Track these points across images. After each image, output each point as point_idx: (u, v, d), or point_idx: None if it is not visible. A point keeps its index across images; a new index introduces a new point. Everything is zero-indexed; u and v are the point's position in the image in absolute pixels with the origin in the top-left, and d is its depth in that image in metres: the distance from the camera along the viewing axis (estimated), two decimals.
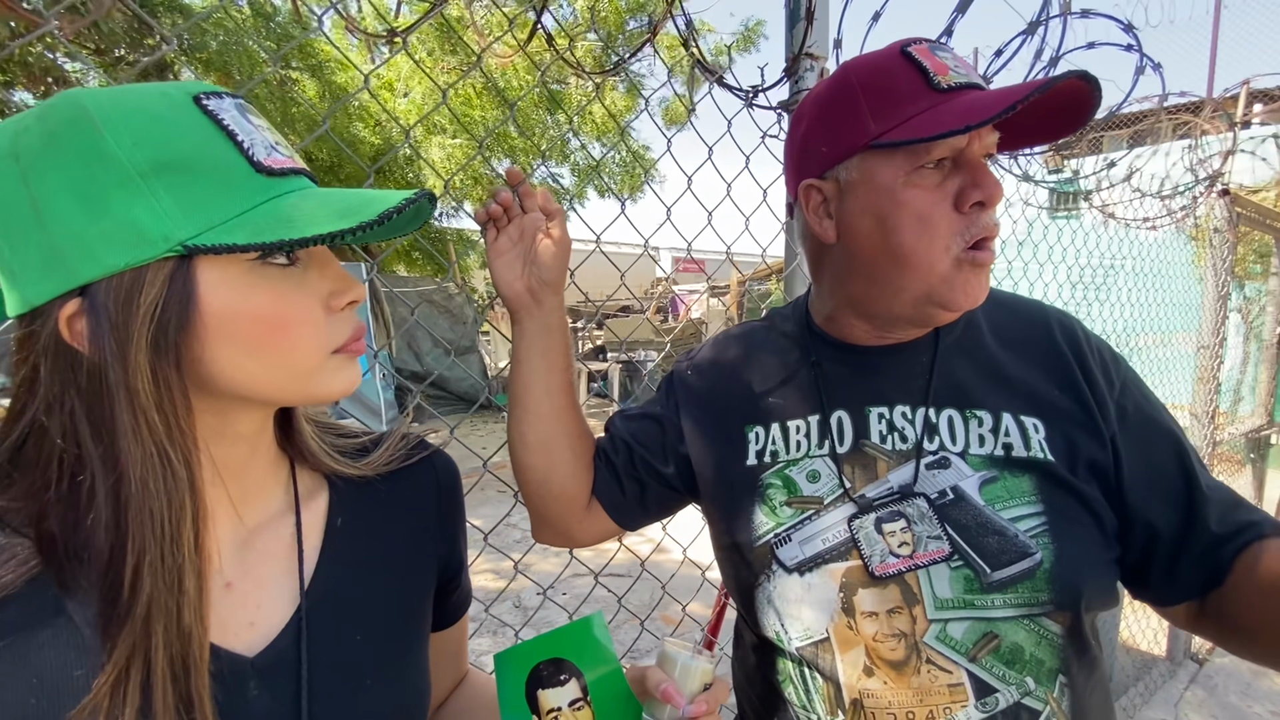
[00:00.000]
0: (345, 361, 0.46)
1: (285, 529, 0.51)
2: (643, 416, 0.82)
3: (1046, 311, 0.72)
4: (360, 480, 0.55)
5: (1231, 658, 2.82)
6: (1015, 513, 0.61)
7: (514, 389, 0.77)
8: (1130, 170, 2.14)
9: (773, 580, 0.66)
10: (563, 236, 0.74)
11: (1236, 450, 3.57)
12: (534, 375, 0.76)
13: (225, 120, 0.40)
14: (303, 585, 0.49)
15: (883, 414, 0.68)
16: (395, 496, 0.57)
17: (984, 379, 0.67)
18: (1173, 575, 0.62)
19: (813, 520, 0.66)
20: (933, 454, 0.65)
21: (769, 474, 0.70)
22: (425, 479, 0.60)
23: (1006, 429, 0.64)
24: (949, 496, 0.63)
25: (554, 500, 0.79)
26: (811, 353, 0.74)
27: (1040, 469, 0.62)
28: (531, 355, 0.76)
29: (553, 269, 0.73)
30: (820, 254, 0.71)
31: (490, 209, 0.73)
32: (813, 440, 0.69)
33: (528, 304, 0.74)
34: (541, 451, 0.77)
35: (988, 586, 0.59)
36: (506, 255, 0.74)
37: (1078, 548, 0.60)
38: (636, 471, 0.80)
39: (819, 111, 0.66)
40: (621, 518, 0.82)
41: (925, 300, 0.62)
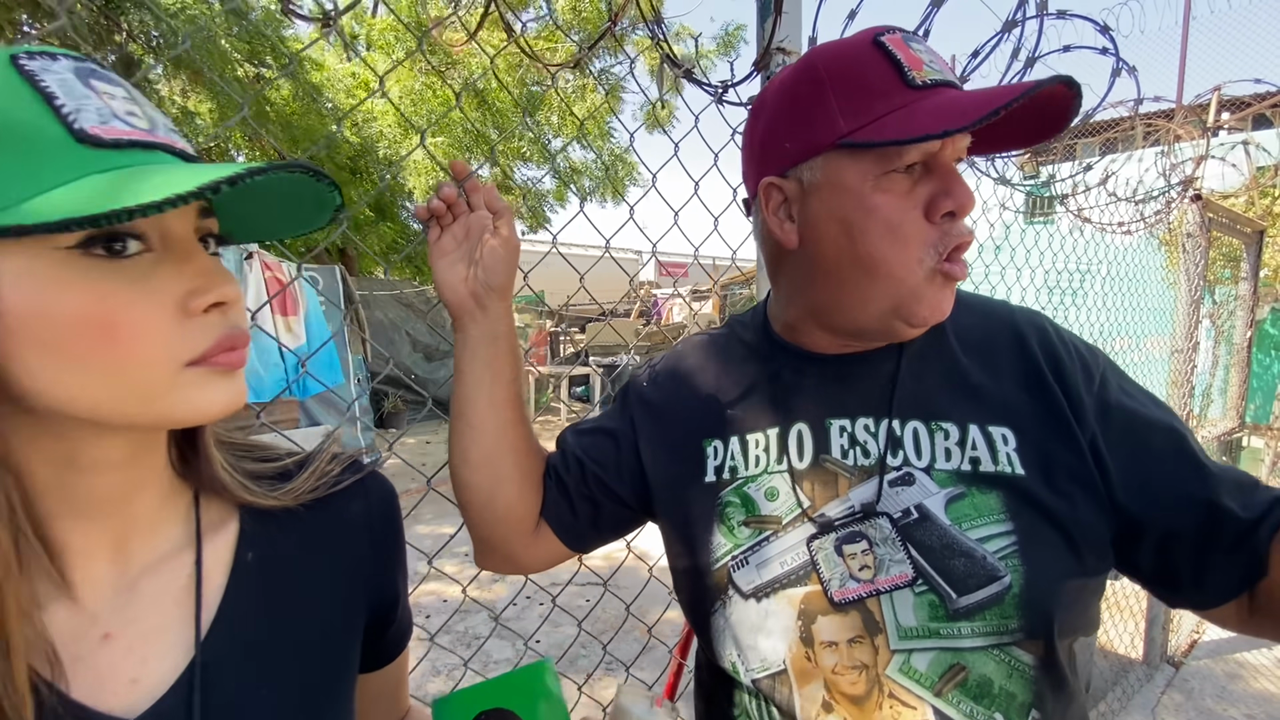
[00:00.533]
0: (208, 378, 0.38)
1: (182, 569, 0.44)
2: (596, 431, 0.77)
3: (1013, 312, 0.67)
4: (279, 510, 0.49)
5: (1207, 660, 2.83)
6: (983, 532, 0.56)
7: (456, 402, 0.72)
8: (1106, 174, 2.14)
9: (729, 606, 0.62)
10: (510, 236, 0.69)
11: (1210, 453, 3.61)
12: (478, 387, 0.71)
13: (45, 82, 0.33)
14: (199, 633, 0.42)
15: (844, 427, 0.64)
16: (320, 526, 0.51)
17: (949, 387, 0.63)
18: (1204, 575, 0.56)
19: (770, 541, 0.62)
20: (896, 470, 0.60)
21: (727, 491, 0.66)
22: (356, 506, 0.54)
23: (974, 441, 0.60)
24: (913, 516, 0.59)
25: (498, 523, 0.73)
26: (770, 362, 0.69)
27: (1009, 484, 0.58)
28: (475, 365, 0.71)
29: (499, 272, 0.68)
30: (780, 258, 0.66)
31: (432, 205, 0.68)
32: (771, 455, 0.65)
33: (471, 309, 0.69)
34: (485, 469, 0.72)
35: (954, 613, 0.55)
36: (450, 256, 0.69)
37: (1049, 570, 0.55)
38: (589, 490, 0.74)
39: (782, 103, 0.61)
40: (572, 540, 0.76)
41: (891, 313, 0.59)
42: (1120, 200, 2.32)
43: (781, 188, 0.61)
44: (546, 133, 6.74)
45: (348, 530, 0.53)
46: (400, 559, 0.58)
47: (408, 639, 0.61)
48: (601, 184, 8.04)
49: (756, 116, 0.65)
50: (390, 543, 0.56)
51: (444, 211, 0.68)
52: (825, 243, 0.59)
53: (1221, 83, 2.66)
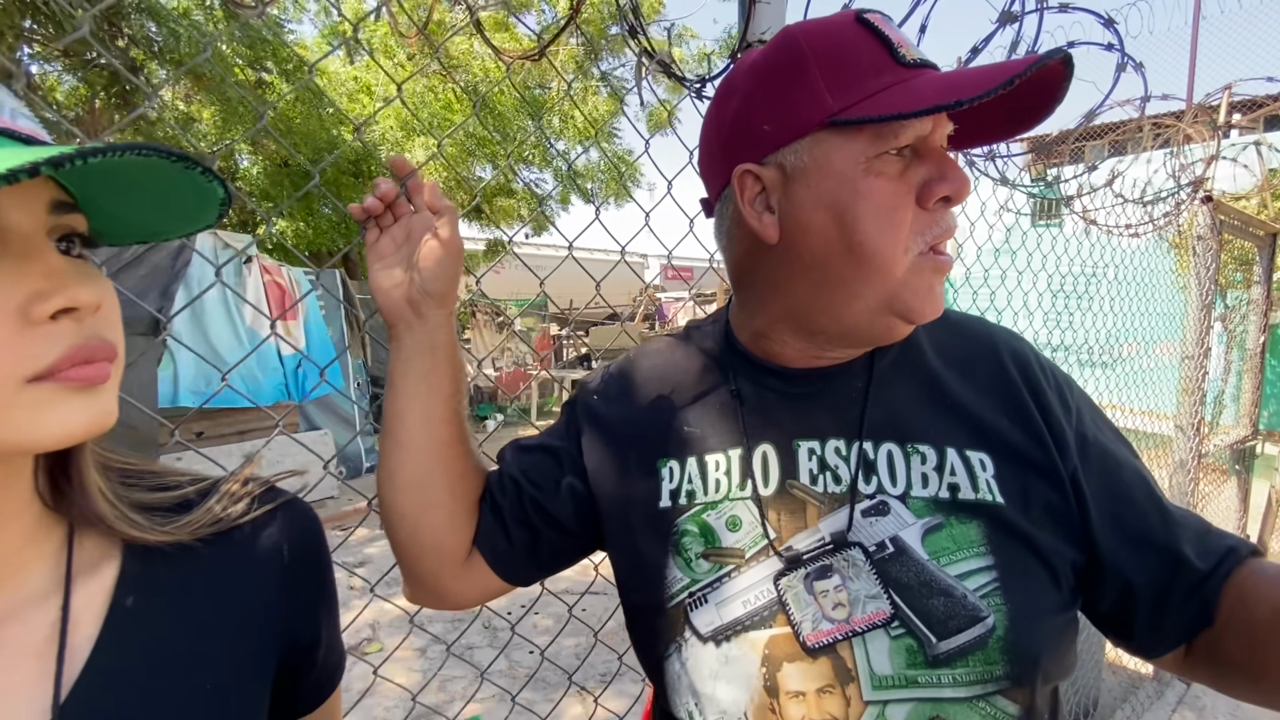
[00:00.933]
0: (59, 395, 0.34)
1: (46, 617, 0.39)
2: (538, 449, 0.70)
3: (993, 331, 0.64)
4: (172, 546, 0.44)
5: None
6: (963, 567, 0.52)
7: (386, 417, 0.66)
8: (1112, 174, 2.07)
9: (685, 650, 0.56)
10: (452, 239, 0.63)
11: (1222, 461, 3.52)
12: (410, 401, 0.65)
13: None
14: (58, 694, 0.37)
15: (813, 449, 0.58)
16: (221, 563, 0.46)
17: (925, 406, 0.59)
18: (1160, 623, 0.55)
19: (732, 577, 0.56)
20: (869, 497, 0.56)
21: (684, 519, 0.59)
22: (267, 539, 0.48)
23: (952, 466, 0.56)
24: (888, 549, 0.54)
25: (425, 553, 0.66)
26: (733, 376, 0.63)
27: (989, 514, 0.54)
28: (409, 378, 0.65)
29: (438, 277, 0.63)
30: (753, 258, 0.60)
31: (367, 203, 0.63)
32: (734, 479, 0.59)
33: (407, 317, 0.64)
34: (414, 493, 0.65)
35: (934, 660, 0.50)
36: (388, 259, 0.64)
37: (1033, 607, 0.52)
38: (526, 515, 0.67)
39: (758, 83, 0.55)
40: (507, 571, 0.69)
41: (884, 308, 0.54)
42: (1127, 201, 2.25)
43: (760, 176, 0.55)
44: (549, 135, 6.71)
45: (255, 567, 0.47)
46: (324, 597, 0.53)
47: (336, 682, 0.56)
48: (605, 186, 8.01)
49: (724, 101, 0.58)
50: (309, 580, 0.51)
51: (380, 210, 0.63)
52: (812, 234, 0.54)
53: (1232, 81, 2.58)
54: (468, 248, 10.26)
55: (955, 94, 0.47)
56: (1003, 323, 2.51)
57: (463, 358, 0.69)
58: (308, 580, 0.51)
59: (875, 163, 0.51)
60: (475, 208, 7.23)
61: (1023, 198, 2.26)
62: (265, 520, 0.48)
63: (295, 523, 0.50)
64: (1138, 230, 2.49)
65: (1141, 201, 2.37)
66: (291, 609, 0.49)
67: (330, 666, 0.55)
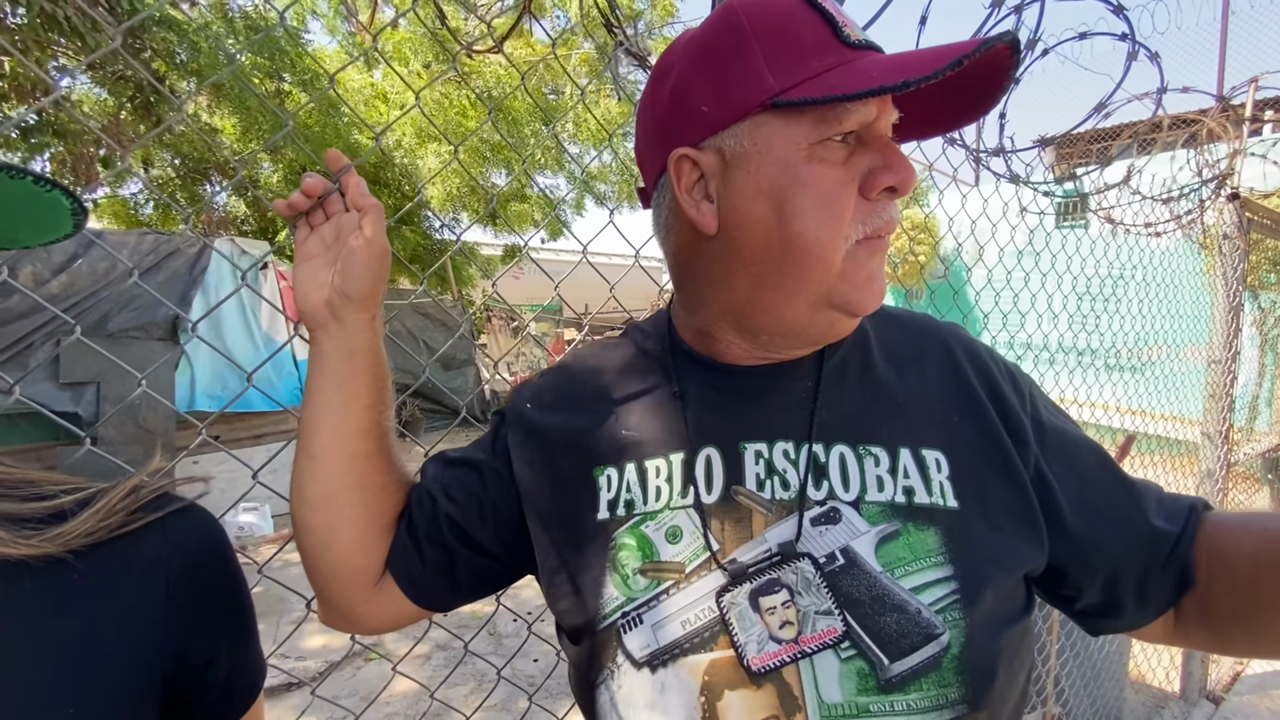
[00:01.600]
0: None
1: None
2: (461, 462, 0.65)
3: (941, 327, 0.62)
4: (39, 559, 0.41)
5: (1251, 695, 2.61)
6: (919, 579, 0.49)
7: (300, 427, 0.61)
8: (1129, 171, 1.99)
9: (617, 677, 0.51)
10: (375, 238, 0.59)
11: (1254, 470, 3.38)
12: (324, 411, 0.60)
13: None
14: None
15: (760, 452, 0.54)
16: (96, 577, 0.43)
17: (876, 404, 0.56)
18: (1145, 595, 0.56)
19: (671, 595, 0.51)
20: (819, 504, 0.52)
21: (622, 531, 0.55)
22: (151, 551, 0.45)
23: (905, 468, 0.53)
24: (839, 561, 0.49)
25: (334, 571, 0.62)
26: (676, 376, 0.59)
27: (945, 519, 0.51)
28: (324, 385, 0.60)
29: (358, 279, 0.59)
30: (692, 250, 0.56)
31: (293, 200, 0.60)
32: (675, 486, 0.55)
33: (324, 320, 0.60)
34: (323, 509, 0.60)
35: (885, 684, 0.46)
36: (315, 260, 0.61)
37: (991, 620, 0.49)
38: (441, 534, 0.62)
39: (696, 61, 0.51)
40: (420, 595, 0.64)
41: (823, 303, 0.51)
42: (1145, 199, 2.16)
43: (697, 161, 0.52)
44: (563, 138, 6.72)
45: (135, 581, 0.44)
46: (224, 612, 0.49)
47: (247, 703, 0.53)
48: (619, 189, 8.00)
49: (661, 80, 0.54)
50: (202, 594, 0.47)
51: (306, 207, 0.60)
52: (750, 224, 0.50)
53: (1259, 75, 2.47)
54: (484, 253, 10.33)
55: (902, 75, 0.43)
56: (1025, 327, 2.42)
57: (387, 365, 0.64)
58: (200, 595, 0.47)
59: (818, 149, 0.48)
60: (490, 213, 7.26)
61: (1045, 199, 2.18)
62: (150, 531, 0.45)
63: (186, 533, 0.47)
64: (1159, 229, 2.39)
65: (1161, 199, 2.27)
66: (179, 626, 0.45)
67: (239, 687, 0.51)
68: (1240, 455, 2.87)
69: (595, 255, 1.16)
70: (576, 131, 7.17)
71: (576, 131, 7.17)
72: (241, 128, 6.23)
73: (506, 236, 8.89)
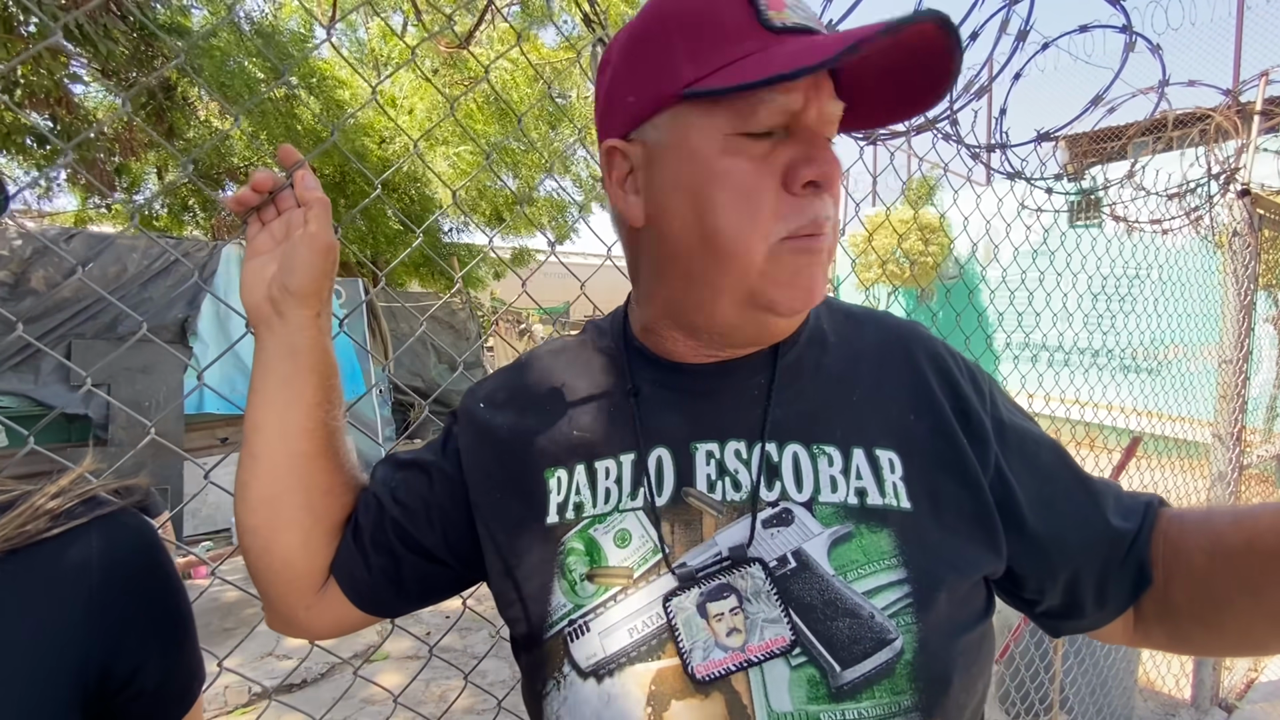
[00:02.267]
0: None
1: None
2: (411, 465, 0.64)
3: (901, 324, 0.61)
4: None
5: (1264, 703, 2.54)
6: (872, 583, 0.47)
7: (244, 425, 0.60)
8: (1132, 166, 1.95)
9: (564, 688, 0.49)
10: (319, 233, 0.59)
11: (1270, 473, 3.30)
12: (267, 410, 0.59)
13: None
14: None
15: (712, 452, 0.53)
16: (14, 583, 0.42)
17: (831, 405, 0.54)
18: (1104, 595, 0.54)
19: (618, 601, 0.50)
20: (771, 505, 0.51)
21: (571, 536, 0.53)
22: (73, 556, 0.44)
23: (858, 469, 0.51)
24: (790, 565, 0.48)
25: (275, 574, 0.61)
26: (629, 374, 0.58)
27: (898, 521, 0.50)
28: (268, 383, 0.59)
29: (299, 273, 0.58)
30: (633, 244, 0.56)
31: (241, 195, 0.59)
32: (624, 488, 0.53)
33: (267, 317, 0.59)
34: (265, 510, 0.59)
35: (837, 692, 0.45)
36: (264, 256, 0.60)
37: (946, 625, 0.47)
38: (387, 538, 0.61)
39: (626, 50, 0.51)
40: (364, 601, 0.62)
41: (749, 302, 0.50)
42: (1149, 194, 2.11)
43: (626, 153, 0.51)
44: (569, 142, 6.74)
45: (55, 587, 0.43)
46: (153, 620, 0.48)
47: (179, 711, 0.51)
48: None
49: (601, 72, 0.54)
50: (127, 601, 0.46)
51: (255, 202, 0.60)
52: (672, 218, 0.50)
53: (1269, 68, 2.42)
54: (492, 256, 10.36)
55: (799, 61, 0.41)
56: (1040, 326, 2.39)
57: (334, 362, 0.63)
58: (125, 602, 0.46)
59: (735, 142, 0.47)
60: (497, 216, 7.29)
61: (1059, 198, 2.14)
62: (74, 536, 0.44)
63: (113, 539, 0.46)
64: (1167, 225, 2.35)
65: (1165, 194, 2.23)
66: (101, 633, 0.44)
67: (171, 694, 0.50)
68: (1254, 457, 2.80)
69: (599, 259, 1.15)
70: (585, 134, 7.17)
71: (585, 134, 7.17)
72: (250, 134, 6.30)
73: (515, 239, 8.92)
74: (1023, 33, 1.15)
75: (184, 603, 0.52)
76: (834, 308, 0.62)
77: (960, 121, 1.54)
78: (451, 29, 1.05)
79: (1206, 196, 2.35)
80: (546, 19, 6.79)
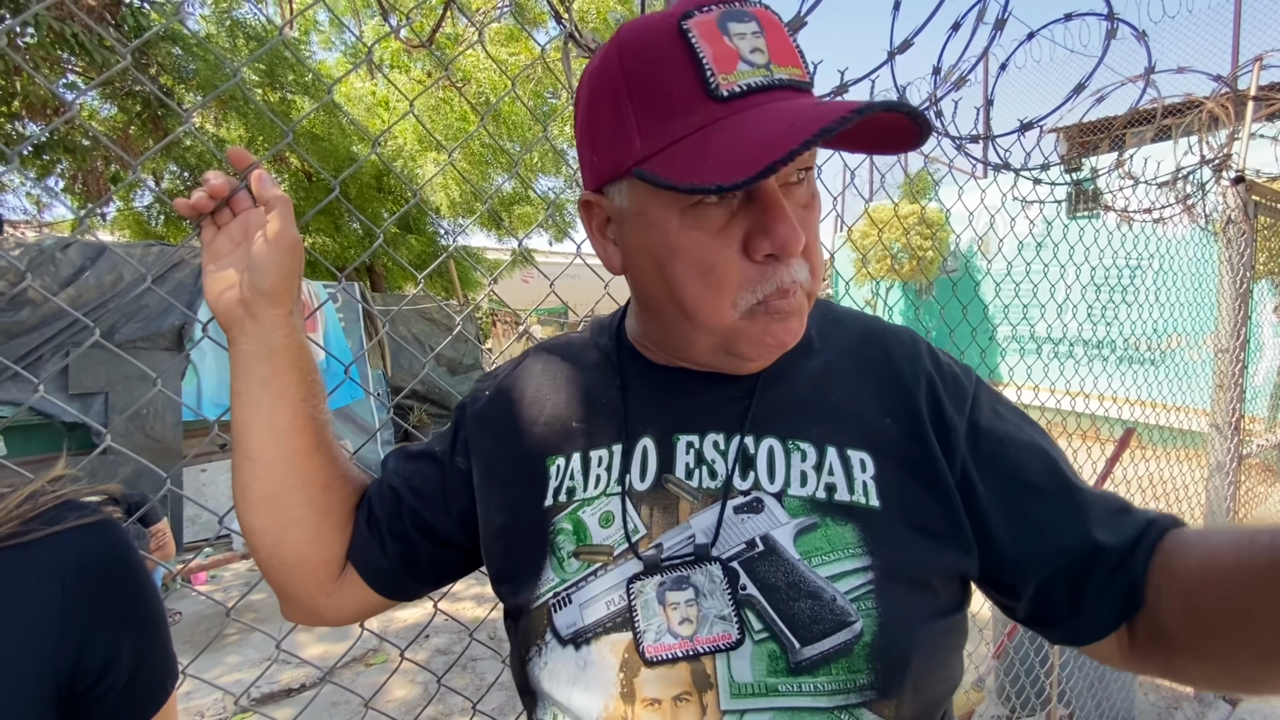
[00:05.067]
0: None
1: None
2: (424, 456, 0.67)
3: (885, 329, 0.62)
4: None
5: (1269, 696, 2.52)
6: (835, 569, 0.49)
7: (233, 429, 0.61)
8: (1119, 154, 1.93)
9: (545, 653, 0.53)
10: (283, 231, 0.59)
11: (1270, 461, 3.28)
12: (253, 411, 0.60)
13: None
14: None
15: (692, 443, 0.56)
16: None
17: (810, 404, 0.56)
18: (1081, 608, 0.52)
19: (599, 576, 0.53)
20: (744, 494, 0.53)
21: (562, 517, 0.57)
22: (46, 558, 0.45)
23: (830, 466, 0.53)
24: (758, 548, 0.51)
25: (290, 570, 0.63)
26: (622, 371, 0.61)
27: (864, 517, 0.51)
28: (250, 385, 0.60)
29: (269, 273, 0.58)
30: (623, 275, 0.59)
31: (195, 201, 0.59)
32: (613, 474, 0.57)
33: (240, 319, 0.59)
34: (269, 509, 0.61)
35: (795, 667, 0.47)
36: (224, 259, 0.60)
37: (905, 613, 0.49)
38: (403, 526, 0.64)
39: (588, 106, 0.51)
40: (384, 586, 0.65)
41: (721, 351, 0.53)
42: (1139, 183, 2.10)
43: (600, 206, 0.54)
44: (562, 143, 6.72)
45: (26, 588, 0.45)
46: (123, 618, 0.50)
47: (152, 708, 0.53)
48: None
49: (576, 107, 0.54)
50: (99, 601, 0.48)
51: (210, 207, 0.60)
52: (643, 277, 0.53)
53: (1264, 53, 2.39)
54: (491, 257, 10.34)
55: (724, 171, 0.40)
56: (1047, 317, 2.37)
57: (311, 357, 0.64)
58: (97, 601, 0.48)
59: (692, 213, 0.47)
60: (493, 216, 7.29)
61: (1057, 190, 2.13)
62: (47, 538, 0.46)
63: (84, 540, 0.47)
64: (1161, 215, 2.33)
65: (1156, 183, 2.21)
66: (72, 632, 0.46)
67: (142, 691, 0.52)
68: (1254, 447, 2.78)
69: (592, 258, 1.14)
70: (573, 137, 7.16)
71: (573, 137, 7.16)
72: (246, 139, 6.31)
73: (512, 241, 8.92)
74: (1000, 21, 1.14)
75: (155, 602, 0.53)
76: (822, 311, 0.63)
77: (944, 112, 1.53)
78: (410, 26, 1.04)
79: (1199, 184, 2.33)
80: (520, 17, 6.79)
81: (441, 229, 8.31)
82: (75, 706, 0.47)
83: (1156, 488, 2.86)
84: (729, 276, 0.47)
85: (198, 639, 3.16)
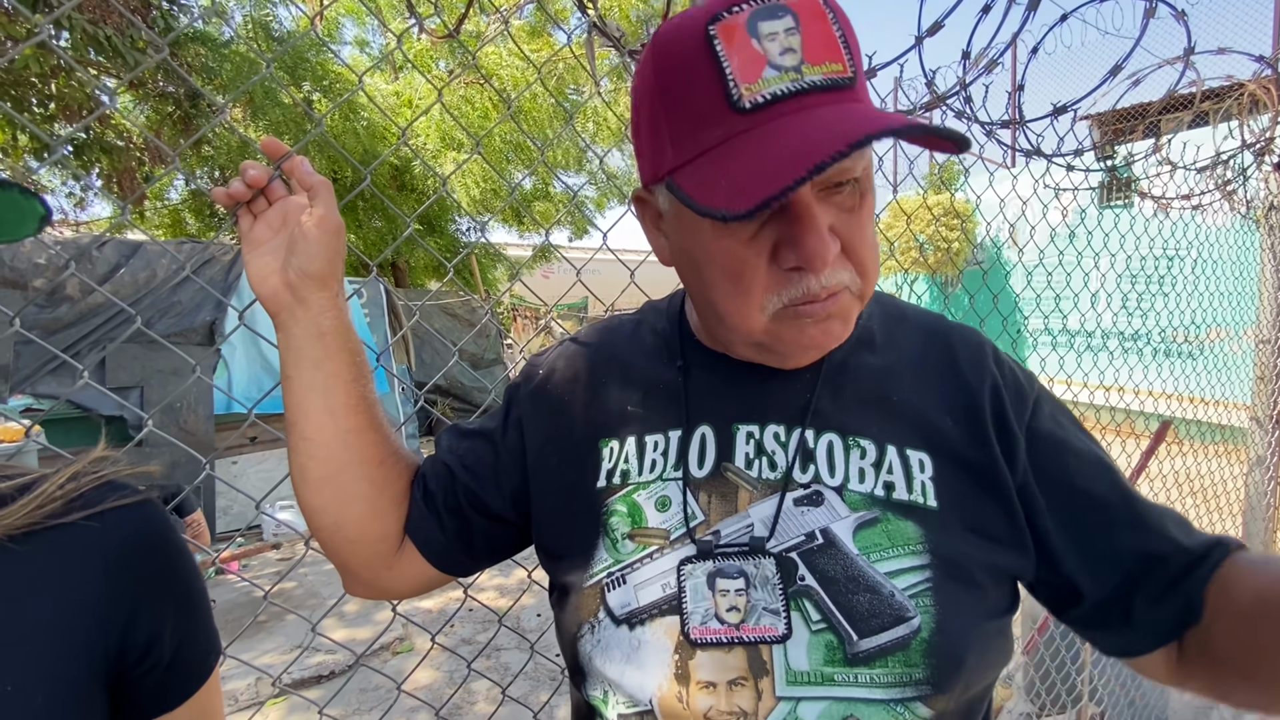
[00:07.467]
0: None
1: None
2: (477, 434, 0.68)
3: (950, 329, 0.61)
4: None
5: None
6: (894, 565, 0.50)
7: (287, 412, 0.62)
8: (1157, 139, 1.87)
9: (598, 631, 0.54)
10: (327, 215, 0.60)
11: None
12: (309, 392, 0.61)
13: None
14: None
15: (752, 433, 0.56)
16: (35, 561, 0.44)
17: (872, 402, 0.57)
18: (1132, 617, 0.53)
19: (654, 559, 0.54)
20: (804, 486, 0.54)
21: (615, 499, 0.58)
22: (89, 536, 0.46)
23: (890, 464, 0.54)
24: (818, 540, 0.51)
25: (352, 545, 0.64)
26: (681, 358, 0.61)
27: (922, 516, 0.52)
28: (302, 368, 0.61)
29: (316, 257, 0.59)
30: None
31: (233, 188, 0.60)
32: (670, 460, 0.57)
33: (288, 303, 0.60)
34: (328, 488, 0.62)
35: (852, 658, 0.48)
36: (264, 246, 0.61)
37: (963, 612, 0.49)
38: (457, 502, 0.65)
39: (637, 99, 0.52)
40: (442, 562, 0.67)
41: (760, 349, 0.54)
42: (1177, 169, 2.03)
43: (650, 203, 0.55)
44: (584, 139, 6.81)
45: (72, 565, 0.46)
46: (166, 595, 0.51)
47: (197, 681, 0.54)
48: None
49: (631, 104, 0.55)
50: (140, 578, 0.49)
51: (248, 196, 0.61)
52: (686, 274, 0.56)
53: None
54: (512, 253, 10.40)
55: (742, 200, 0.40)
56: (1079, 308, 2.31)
57: (358, 338, 0.65)
58: (139, 578, 0.49)
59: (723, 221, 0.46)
60: (515, 212, 7.33)
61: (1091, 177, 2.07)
62: (89, 518, 0.47)
63: (125, 519, 0.48)
64: (1200, 201, 2.26)
65: (1195, 168, 2.14)
66: (117, 609, 0.47)
67: (186, 667, 0.53)
68: None
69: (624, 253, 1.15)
70: (597, 131, 7.16)
71: (597, 131, 7.16)
72: (273, 133, 6.42)
73: (531, 236, 8.96)
74: (1033, 2, 1.11)
75: (196, 578, 0.54)
76: (886, 308, 0.63)
77: (974, 98, 1.50)
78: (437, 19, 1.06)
79: (1240, 169, 2.26)
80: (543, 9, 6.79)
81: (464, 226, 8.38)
82: (122, 683, 0.48)
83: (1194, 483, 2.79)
84: (756, 283, 0.48)
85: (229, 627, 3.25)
